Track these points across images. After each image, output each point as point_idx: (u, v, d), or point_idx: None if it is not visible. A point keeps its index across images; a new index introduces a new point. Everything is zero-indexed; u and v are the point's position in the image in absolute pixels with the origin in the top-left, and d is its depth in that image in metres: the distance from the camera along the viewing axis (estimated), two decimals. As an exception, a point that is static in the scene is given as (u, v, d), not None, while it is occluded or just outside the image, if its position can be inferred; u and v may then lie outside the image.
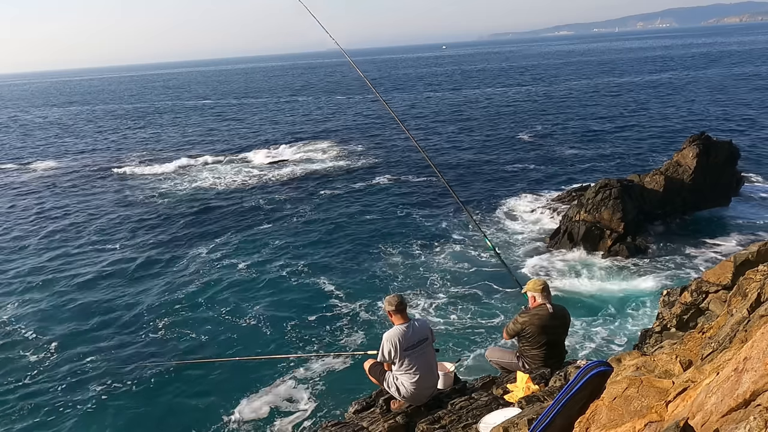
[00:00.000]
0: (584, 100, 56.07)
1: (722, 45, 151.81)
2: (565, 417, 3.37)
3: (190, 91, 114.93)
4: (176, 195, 29.66)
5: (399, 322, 5.94)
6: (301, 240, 21.95)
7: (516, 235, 21.14)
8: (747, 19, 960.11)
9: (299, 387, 12.51)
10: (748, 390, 2.21)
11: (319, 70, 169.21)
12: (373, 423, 6.28)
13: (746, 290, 5.20)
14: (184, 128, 55.99)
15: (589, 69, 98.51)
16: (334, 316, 15.78)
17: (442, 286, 17.26)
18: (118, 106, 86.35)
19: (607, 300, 16.11)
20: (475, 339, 14.19)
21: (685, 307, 7.92)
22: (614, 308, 15.60)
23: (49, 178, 36.08)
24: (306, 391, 12.36)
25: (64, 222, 26.11)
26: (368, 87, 9.92)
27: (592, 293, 16.64)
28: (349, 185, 29.78)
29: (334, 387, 12.43)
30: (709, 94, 54.95)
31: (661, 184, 20.79)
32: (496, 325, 14.75)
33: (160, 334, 15.25)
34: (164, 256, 20.96)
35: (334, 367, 13.12)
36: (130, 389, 12.88)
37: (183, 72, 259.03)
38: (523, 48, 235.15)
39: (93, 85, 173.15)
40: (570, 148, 34.91)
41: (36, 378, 13.53)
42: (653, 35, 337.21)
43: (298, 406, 11.92)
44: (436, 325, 14.76)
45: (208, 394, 12.55)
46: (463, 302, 16.15)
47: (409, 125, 48.00)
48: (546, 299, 6.47)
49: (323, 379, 12.76)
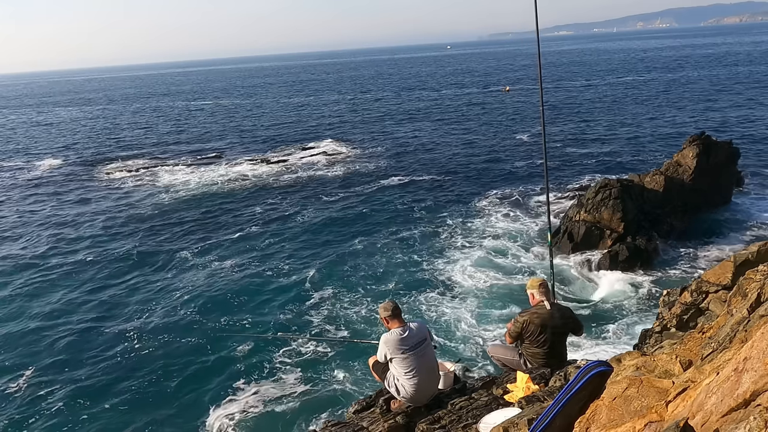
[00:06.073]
0: (584, 100, 56.06)
1: (722, 45, 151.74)
2: (565, 417, 3.36)
3: (189, 91, 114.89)
4: (178, 195, 29.67)
5: (395, 327, 6.03)
6: (307, 239, 22.07)
7: (516, 234, 21.13)
8: (747, 19, 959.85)
9: (301, 378, 12.58)
10: (748, 390, 2.21)
11: (318, 68, 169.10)
12: (373, 423, 6.29)
13: (746, 290, 5.20)
14: (183, 128, 56.00)
15: (589, 69, 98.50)
16: (332, 308, 15.87)
17: (443, 284, 17.26)
18: (120, 106, 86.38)
19: (607, 300, 16.13)
20: (475, 338, 14.20)
21: (685, 307, 7.91)
22: (614, 308, 15.61)
23: (45, 177, 36.12)
24: (308, 384, 12.45)
25: (50, 223, 26.14)
26: (367, 85, 9.92)
27: (592, 293, 16.66)
28: (351, 185, 29.78)
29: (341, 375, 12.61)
30: (710, 93, 54.94)
31: (661, 184, 20.79)
32: (498, 323, 14.76)
33: (195, 317, 15.29)
34: (177, 254, 21.00)
35: (344, 357, 13.40)
36: (132, 386, 12.91)
37: (182, 72, 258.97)
38: (526, 48, 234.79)
39: (92, 86, 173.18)
40: (570, 148, 34.90)
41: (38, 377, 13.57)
42: (653, 35, 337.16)
43: (297, 402, 11.95)
44: (437, 325, 14.79)
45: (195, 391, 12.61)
46: (464, 300, 16.16)
47: (409, 124, 48.05)
48: (544, 296, 6.47)
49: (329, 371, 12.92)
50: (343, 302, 16.54)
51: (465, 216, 23.65)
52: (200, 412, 12.02)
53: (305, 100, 77.94)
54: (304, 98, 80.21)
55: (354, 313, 15.81)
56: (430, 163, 33.69)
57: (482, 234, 21.37)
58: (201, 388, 12.85)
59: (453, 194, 27.13)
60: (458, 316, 15.35)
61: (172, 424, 11.78)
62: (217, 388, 12.77)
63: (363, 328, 14.93)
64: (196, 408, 12.18)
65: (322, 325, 15.37)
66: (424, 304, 16.07)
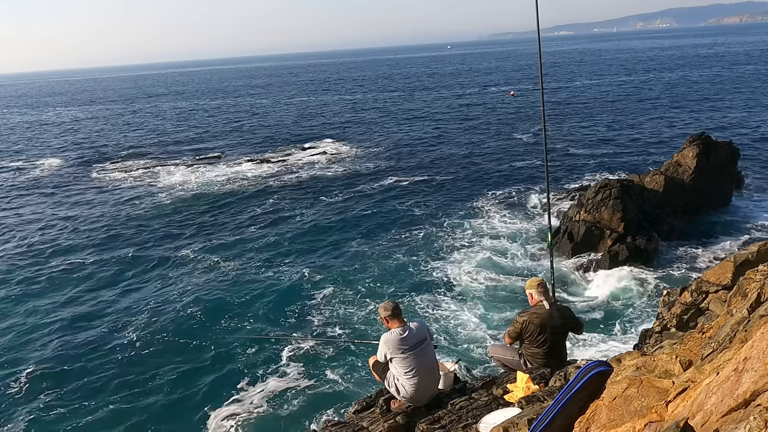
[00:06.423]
0: (583, 100, 56.05)
1: (722, 45, 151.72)
2: (565, 417, 3.36)
3: (188, 91, 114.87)
4: (177, 195, 29.66)
5: (395, 327, 6.03)
6: (306, 239, 22.09)
7: (516, 234, 21.13)
8: (747, 19, 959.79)
9: (301, 378, 12.59)
10: (748, 390, 2.21)
11: (318, 68, 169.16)
12: (373, 423, 6.29)
13: (746, 290, 5.20)
14: (183, 128, 55.98)
15: (589, 69, 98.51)
16: (332, 308, 15.87)
17: (443, 284, 17.26)
18: (120, 107, 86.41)
19: (607, 300, 16.13)
20: (476, 338, 14.20)
21: (685, 307, 7.91)
22: (614, 308, 15.61)
23: (43, 177, 36.12)
24: (310, 382, 12.46)
25: (51, 226, 26.15)
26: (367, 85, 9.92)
27: (592, 293, 16.65)
28: (351, 185, 29.78)
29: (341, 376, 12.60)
30: (710, 93, 54.94)
31: (661, 184, 20.79)
32: (498, 323, 14.76)
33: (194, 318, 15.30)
34: (173, 254, 21.00)
35: (344, 357, 13.42)
36: (135, 382, 12.92)
37: (181, 72, 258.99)
38: (526, 48, 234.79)
39: (91, 86, 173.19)
40: (570, 148, 34.90)
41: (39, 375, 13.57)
42: (653, 35, 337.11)
43: (298, 402, 11.95)
44: (437, 325, 14.79)
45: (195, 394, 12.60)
46: (465, 301, 16.16)
47: (409, 124, 48.05)
48: (543, 296, 6.48)
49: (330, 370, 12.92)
50: (343, 302, 16.53)
51: (465, 216, 23.66)
52: (200, 412, 12.01)
53: (305, 100, 77.93)
54: (304, 98, 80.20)
55: (354, 313, 15.82)
56: (430, 163, 33.70)
57: (482, 234, 21.37)
58: (201, 389, 12.84)
59: (453, 194, 27.14)
60: (458, 316, 15.35)
61: (173, 424, 11.78)
62: (218, 389, 12.77)
63: (363, 328, 14.93)
64: (196, 408, 12.17)
65: (322, 325, 15.37)
66: (424, 304, 16.06)
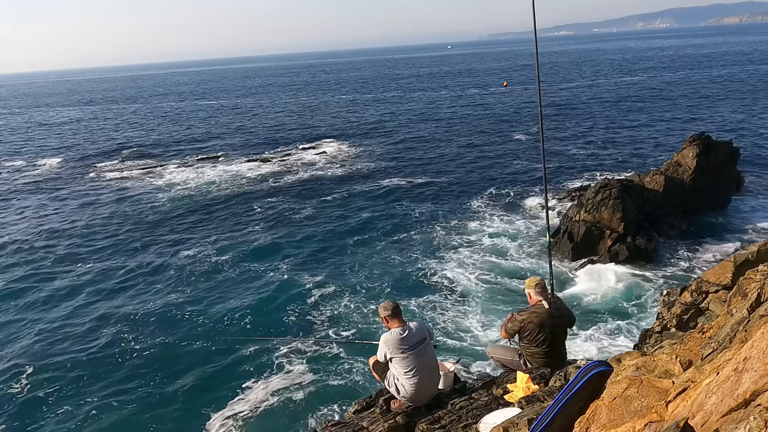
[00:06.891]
0: (583, 100, 56.05)
1: (723, 45, 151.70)
2: (565, 417, 3.36)
3: (188, 91, 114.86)
4: (177, 195, 29.66)
5: (395, 326, 6.03)
6: (306, 239, 22.07)
7: (515, 234, 21.13)
8: (747, 19, 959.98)
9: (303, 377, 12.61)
10: (748, 390, 2.21)
11: (318, 68, 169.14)
12: (373, 423, 6.29)
13: (746, 290, 5.20)
14: (183, 128, 55.97)
15: (589, 69, 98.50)
16: (332, 308, 15.89)
17: (443, 284, 17.26)
18: (120, 106, 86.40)
19: (607, 300, 16.12)
20: (475, 338, 14.21)
21: (685, 307, 7.91)
22: (614, 308, 15.60)
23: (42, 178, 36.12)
24: (311, 382, 12.47)
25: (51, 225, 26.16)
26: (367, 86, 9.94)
27: (592, 293, 16.64)
28: (351, 185, 29.78)
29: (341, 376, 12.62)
30: (710, 93, 54.93)
31: (661, 184, 20.79)
32: (498, 323, 14.75)
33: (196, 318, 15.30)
34: (173, 255, 21.00)
35: (344, 357, 13.42)
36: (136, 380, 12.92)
37: (180, 72, 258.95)
38: (526, 48, 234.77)
39: (91, 86, 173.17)
40: (569, 148, 34.91)
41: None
42: (653, 35, 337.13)
43: (298, 402, 11.95)
44: (437, 325, 14.78)
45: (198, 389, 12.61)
46: (465, 301, 16.16)
47: (409, 124, 48.04)
48: (541, 296, 6.47)
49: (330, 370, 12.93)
50: (343, 302, 16.53)
51: (465, 216, 23.66)
52: (201, 412, 12.00)
53: (305, 100, 77.92)
54: (304, 98, 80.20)
55: (354, 313, 15.82)
56: (429, 163, 33.70)
57: (482, 234, 21.37)
58: (201, 390, 12.83)
59: (453, 194, 27.14)
60: (458, 316, 15.36)
61: (174, 424, 11.77)
62: (218, 389, 12.76)
63: (363, 328, 14.93)
64: (196, 409, 12.16)
65: (321, 325, 15.38)
66: (423, 304, 16.06)
